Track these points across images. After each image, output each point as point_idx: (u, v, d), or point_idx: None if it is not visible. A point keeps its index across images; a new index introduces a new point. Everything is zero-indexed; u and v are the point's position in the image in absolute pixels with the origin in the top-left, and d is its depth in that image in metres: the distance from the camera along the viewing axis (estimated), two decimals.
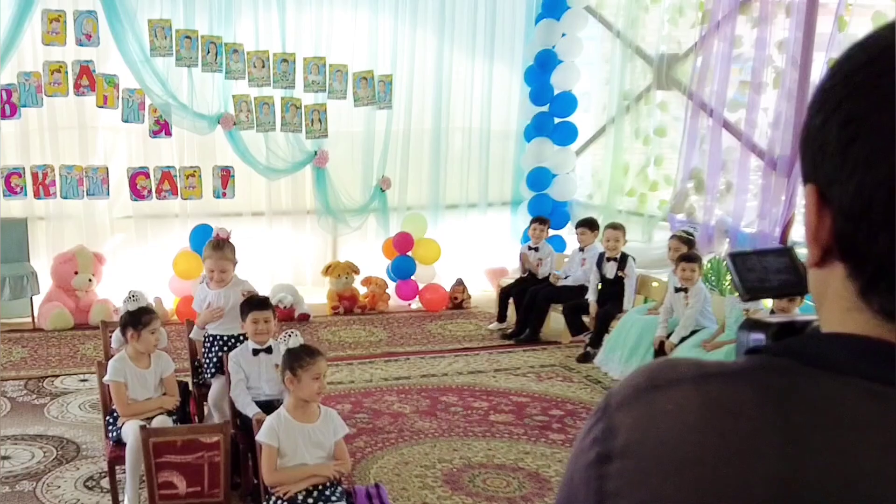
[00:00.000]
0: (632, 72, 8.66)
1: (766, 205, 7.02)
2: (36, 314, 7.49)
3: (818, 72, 6.67)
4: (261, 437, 3.62)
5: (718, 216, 7.46)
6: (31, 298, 7.46)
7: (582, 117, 9.24)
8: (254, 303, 4.58)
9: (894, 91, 0.67)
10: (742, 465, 0.68)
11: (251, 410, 4.25)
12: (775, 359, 0.74)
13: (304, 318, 7.90)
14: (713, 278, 8.08)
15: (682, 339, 6.18)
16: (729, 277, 6.41)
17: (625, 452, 0.73)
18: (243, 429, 4.29)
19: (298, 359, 3.61)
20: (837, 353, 0.71)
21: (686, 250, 6.46)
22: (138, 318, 4.29)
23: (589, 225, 7.48)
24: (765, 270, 0.95)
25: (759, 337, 0.85)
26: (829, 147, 0.71)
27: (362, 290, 8.43)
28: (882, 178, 0.67)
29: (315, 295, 8.37)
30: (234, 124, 7.98)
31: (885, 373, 0.68)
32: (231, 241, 5.00)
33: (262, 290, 6.76)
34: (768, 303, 5.32)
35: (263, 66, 8.04)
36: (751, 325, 0.87)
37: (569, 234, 8.69)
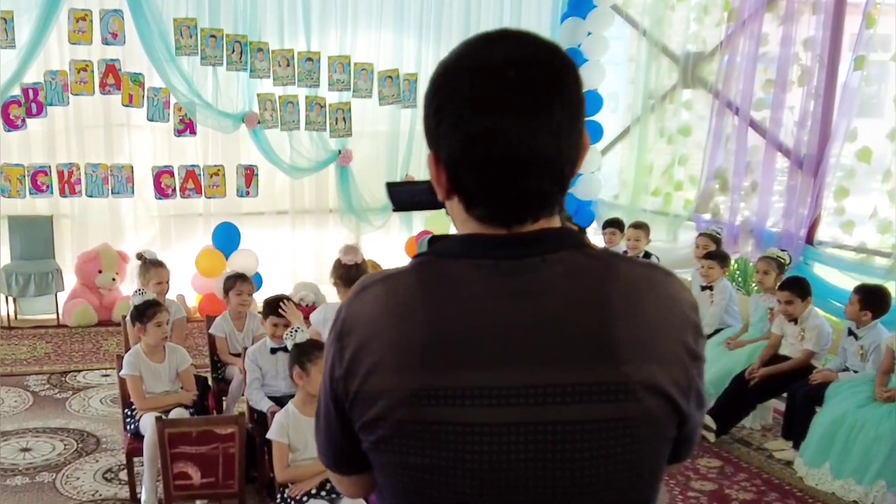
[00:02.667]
0: (657, 71, 8.57)
1: (793, 204, 6.91)
2: (60, 310, 7.56)
3: (845, 70, 6.57)
4: (271, 434, 3.62)
5: (744, 216, 7.37)
6: (56, 295, 7.53)
7: (607, 117, 9.17)
8: (274, 307, 4.60)
9: (458, 90, 1.12)
10: (407, 325, 1.14)
11: (265, 405, 4.27)
12: (425, 257, 1.20)
13: None
14: (739, 278, 7.99)
15: (707, 337, 6.11)
16: (755, 278, 6.37)
17: (350, 331, 1.19)
18: (259, 422, 4.31)
19: (307, 353, 3.60)
20: (457, 247, 1.18)
21: (715, 248, 6.44)
22: (143, 311, 4.30)
23: (618, 226, 7.39)
24: (411, 194, 1.40)
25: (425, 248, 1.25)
26: (431, 128, 1.17)
27: None
28: (456, 147, 1.13)
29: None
30: (259, 123, 7.99)
31: (480, 252, 1.16)
32: None
33: (285, 289, 6.78)
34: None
35: (288, 65, 8.05)
36: (427, 241, 1.25)
37: (593, 234, 8.61)
